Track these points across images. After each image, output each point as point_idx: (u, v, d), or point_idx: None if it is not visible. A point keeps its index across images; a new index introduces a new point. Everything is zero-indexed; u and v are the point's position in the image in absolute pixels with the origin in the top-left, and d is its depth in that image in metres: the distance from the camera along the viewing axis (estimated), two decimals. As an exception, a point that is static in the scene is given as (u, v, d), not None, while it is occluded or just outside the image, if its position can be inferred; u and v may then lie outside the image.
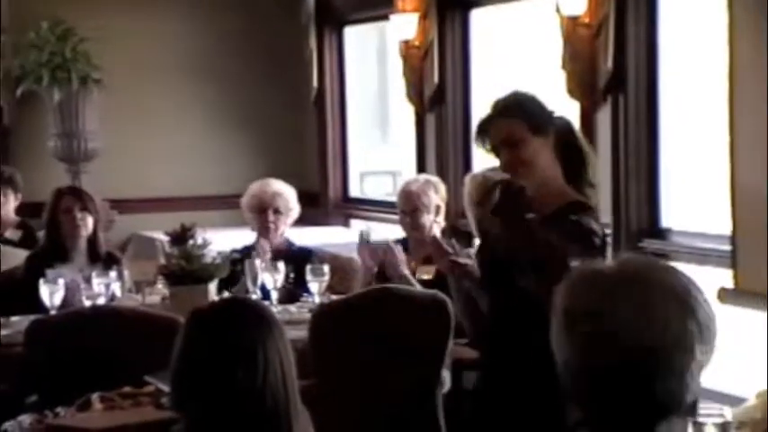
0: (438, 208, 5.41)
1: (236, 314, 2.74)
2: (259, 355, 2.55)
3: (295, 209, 6.00)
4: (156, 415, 4.01)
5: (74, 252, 5.53)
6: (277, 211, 5.83)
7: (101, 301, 4.91)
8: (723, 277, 4.65)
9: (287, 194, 5.94)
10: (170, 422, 3.13)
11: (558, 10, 5.70)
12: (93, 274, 5.13)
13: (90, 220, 5.51)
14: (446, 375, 4.24)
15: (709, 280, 4.37)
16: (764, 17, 4.92)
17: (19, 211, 6.56)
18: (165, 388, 3.66)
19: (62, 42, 7.48)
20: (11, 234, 6.43)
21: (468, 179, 5.06)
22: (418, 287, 5.00)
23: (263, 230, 5.81)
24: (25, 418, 4.20)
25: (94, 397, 4.13)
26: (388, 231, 6.24)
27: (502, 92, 3.65)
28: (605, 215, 4.89)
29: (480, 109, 5.71)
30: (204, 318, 2.72)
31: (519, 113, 3.47)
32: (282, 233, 5.94)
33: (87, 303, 4.90)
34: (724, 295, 4.37)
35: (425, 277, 5.08)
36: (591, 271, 1.66)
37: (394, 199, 6.28)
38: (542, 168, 3.47)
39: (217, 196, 7.80)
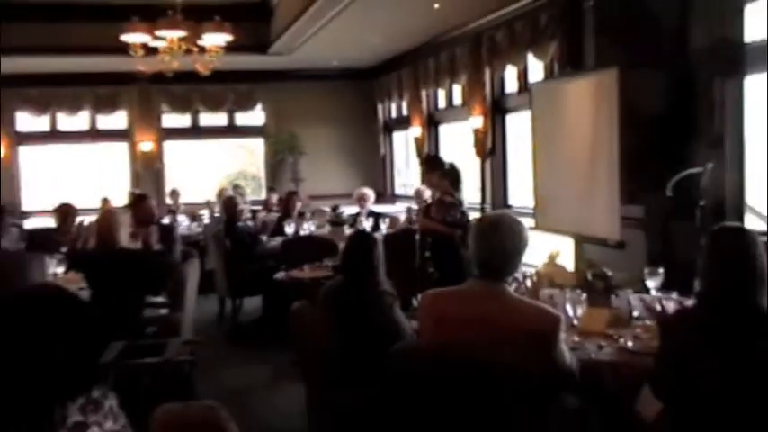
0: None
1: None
2: None
3: (372, 198, 11.53)
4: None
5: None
6: (365, 199, 11.33)
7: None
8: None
9: (369, 192, 11.54)
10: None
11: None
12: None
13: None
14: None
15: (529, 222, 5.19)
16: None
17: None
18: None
19: (294, 139, 15.16)
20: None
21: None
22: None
23: (361, 206, 11.30)
24: (281, 274, 8.17)
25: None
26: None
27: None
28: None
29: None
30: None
31: (431, 162, 8.74)
32: (368, 207, 11.37)
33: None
34: (534, 227, 5.24)
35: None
36: (484, 218, 3.99)
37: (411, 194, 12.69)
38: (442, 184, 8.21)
39: (345, 194, 13.34)
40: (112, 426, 2.28)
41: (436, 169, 8.33)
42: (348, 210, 12.33)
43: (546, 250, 6.09)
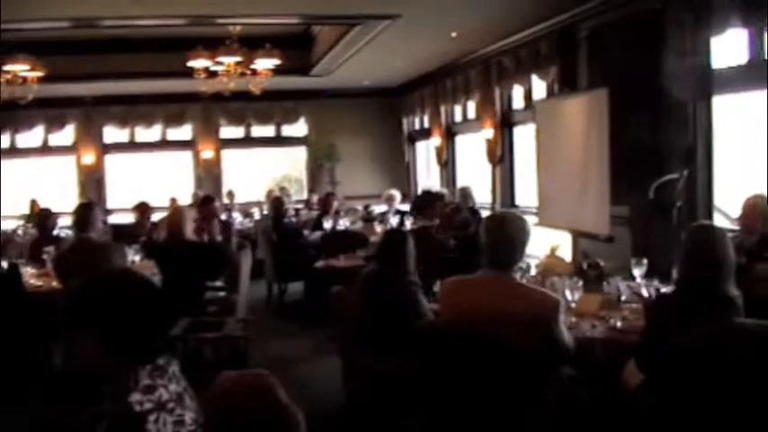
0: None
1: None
2: None
3: (398, 198, 11.64)
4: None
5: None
6: (392, 199, 11.54)
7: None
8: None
9: (396, 193, 11.68)
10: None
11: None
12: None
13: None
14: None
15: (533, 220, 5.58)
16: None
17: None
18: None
19: (331, 147, 15.23)
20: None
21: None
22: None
23: (389, 205, 11.45)
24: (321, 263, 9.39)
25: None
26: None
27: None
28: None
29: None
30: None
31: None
32: (395, 206, 11.45)
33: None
34: (537, 223, 5.55)
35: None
36: (491, 216, 4.44)
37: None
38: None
39: (375, 194, 13.27)
40: (176, 388, 2.31)
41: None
42: (377, 208, 12.39)
43: (547, 244, 6.09)
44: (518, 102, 10.97)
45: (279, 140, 16.32)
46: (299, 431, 2.52)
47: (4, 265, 5.87)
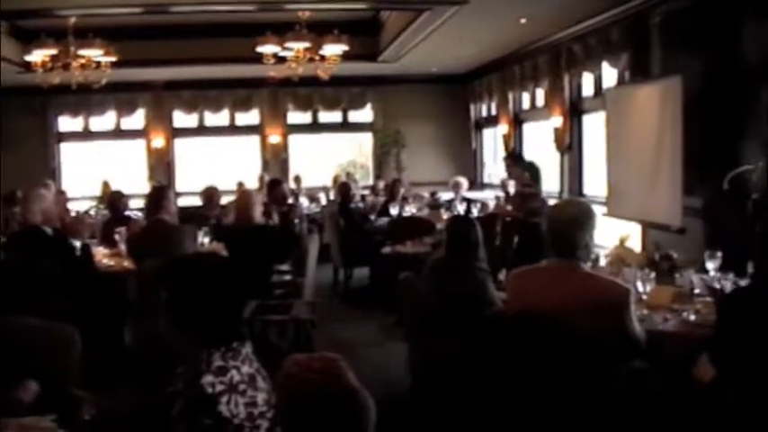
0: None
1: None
2: None
3: (465, 186, 11.55)
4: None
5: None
6: (459, 186, 11.44)
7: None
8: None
9: (463, 181, 11.59)
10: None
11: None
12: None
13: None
14: None
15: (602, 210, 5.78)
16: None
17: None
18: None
19: (398, 134, 15.23)
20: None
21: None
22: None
23: (456, 193, 11.36)
24: (387, 249, 11.34)
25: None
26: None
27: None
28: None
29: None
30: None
31: (513, 158, 9.42)
32: (462, 194, 11.42)
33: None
34: (606, 213, 5.62)
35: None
36: (556, 205, 4.76)
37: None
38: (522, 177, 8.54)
39: (441, 181, 13.28)
40: (248, 369, 2.36)
41: (517, 164, 8.29)
42: (444, 195, 12.33)
43: (616, 234, 6.01)
44: (588, 89, 10.80)
45: (345, 126, 16.39)
46: (369, 416, 2.54)
47: (77, 245, 5.99)
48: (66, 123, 15.62)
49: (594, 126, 10.50)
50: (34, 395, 3.12)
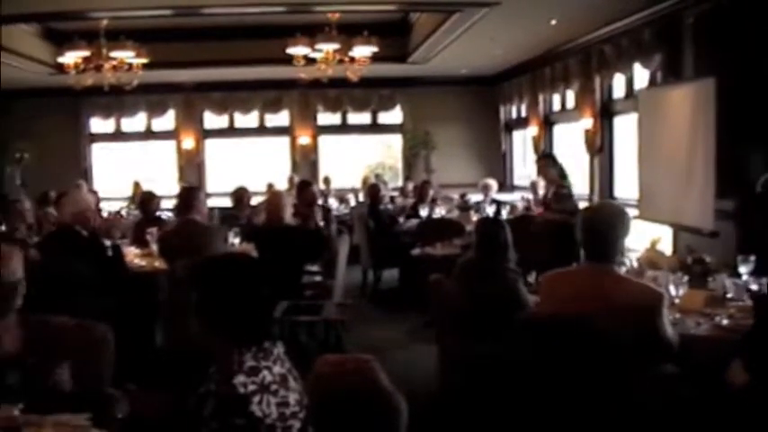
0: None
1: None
2: None
3: (495, 187, 11.60)
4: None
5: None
6: (489, 188, 11.54)
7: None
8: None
9: (493, 183, 11.64)
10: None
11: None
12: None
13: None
14: None
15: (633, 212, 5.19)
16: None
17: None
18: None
19: (427, 135, 15.14)
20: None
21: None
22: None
23: (485, 194, 11.44)
24: (417, 250, 11.56)
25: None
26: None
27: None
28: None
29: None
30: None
31: (548, 158, 9.20)
32: (491, 195, 11.48)
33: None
34: (637, 216, 5.19)
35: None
36: (589, 207, 4.91)
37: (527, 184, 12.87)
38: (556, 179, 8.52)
39: (471, 183, 13.39)
40: (280, 369, 2.37)
41: (552, 165, 8.27)
42: (473, 197, 12.34)
43: (647, 237, 5.96)
44: (619, 91, 10.73)
45: (375, 128, 16.44)
46: (401, 418, 2.54)
47: (108, 244, 6.05)
48: (98, 124, 15.84)
49: (625, 128, 10.43)
50: (69, 378, 3.14)
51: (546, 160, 8.96)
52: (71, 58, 10.38)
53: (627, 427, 3.55)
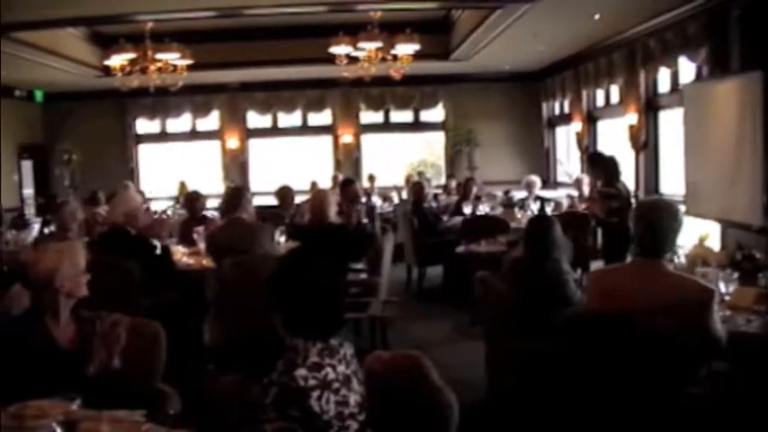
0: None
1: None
2: None
3: (539, 184, 11.35)
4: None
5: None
6: (533, 185, 11.15)
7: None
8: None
9: (537, 180, 11.36)
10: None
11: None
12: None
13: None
14: None
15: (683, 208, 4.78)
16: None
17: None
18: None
19: (470, 132, 15.21)
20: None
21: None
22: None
23: (529, 191, 11.09)
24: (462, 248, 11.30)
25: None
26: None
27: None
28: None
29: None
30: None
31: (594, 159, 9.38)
32: (535, 193, 11.12)
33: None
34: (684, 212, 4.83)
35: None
36: (643, 203, 5.81)
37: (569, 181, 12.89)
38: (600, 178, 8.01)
39: (514, 180, 13.31)
40: (344, 370, 2.41)
41: (597, 165, 8.21)
42: (517, 194, 12.26)
43: (694, 233, 5.91)
44: (664, 85, 10.63)
45: (417, 125, 16.49)
46: (451, 414, 2.58)
47: (158, 245, 6.14)
48: (144, 125, 16.12)
49: (671, 123, 10.31)
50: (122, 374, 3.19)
51: (593, 158, 8.92)
52: (117, 60, 10.59)
53: (678, 425, 3.53)
